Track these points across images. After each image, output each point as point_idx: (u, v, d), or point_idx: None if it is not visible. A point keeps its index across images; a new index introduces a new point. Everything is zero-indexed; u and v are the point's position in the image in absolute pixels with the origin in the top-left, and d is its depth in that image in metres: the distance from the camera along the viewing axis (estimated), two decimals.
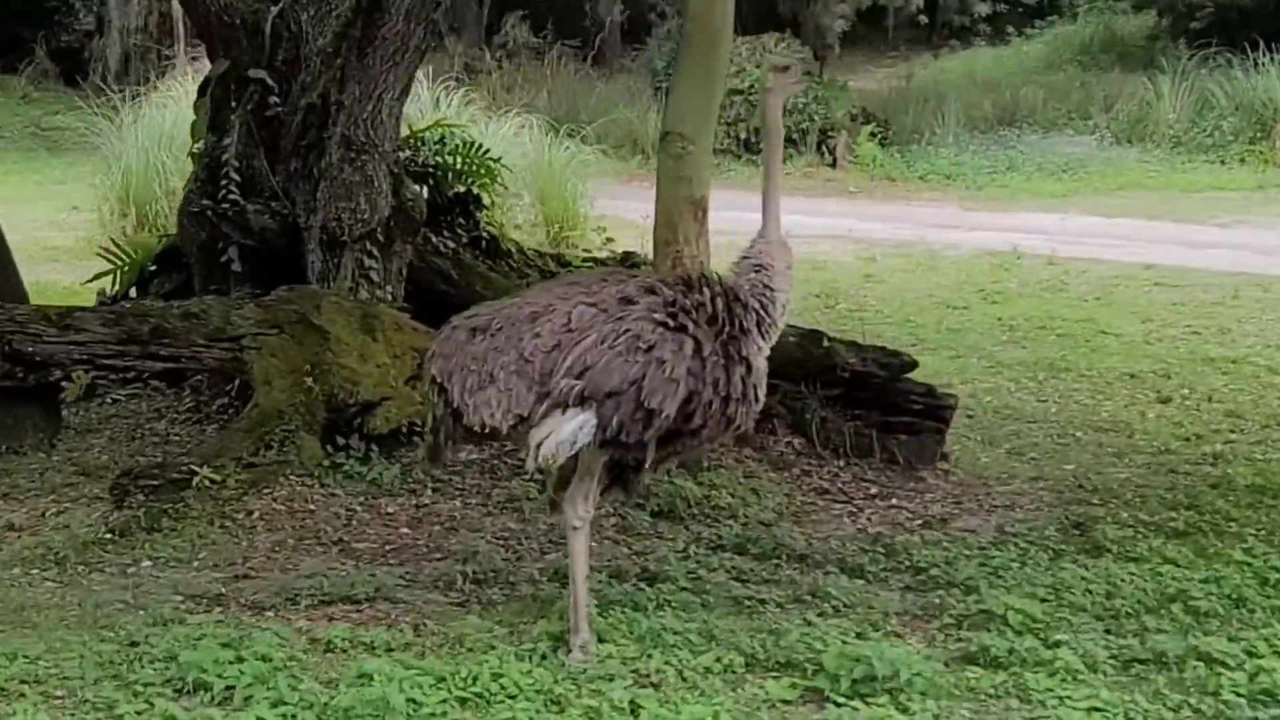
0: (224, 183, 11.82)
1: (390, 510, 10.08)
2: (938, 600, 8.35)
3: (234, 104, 12.03)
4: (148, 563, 9.15)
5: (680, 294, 7.25)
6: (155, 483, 9.79)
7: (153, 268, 13.43)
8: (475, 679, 6.94)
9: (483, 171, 13.20)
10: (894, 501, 10.84)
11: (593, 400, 7.06)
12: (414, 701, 6.65)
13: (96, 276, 13.77)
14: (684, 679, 7.07)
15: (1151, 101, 31.51)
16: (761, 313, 7.37)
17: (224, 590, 8.64)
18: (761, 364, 7.38)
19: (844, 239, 22.96)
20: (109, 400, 12.29)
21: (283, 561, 9.21)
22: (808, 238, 22.46)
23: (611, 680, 6.97)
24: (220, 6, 11.92)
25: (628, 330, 7.10)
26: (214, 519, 9.69)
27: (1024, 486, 11.31)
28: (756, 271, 7.43)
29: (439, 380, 7.36)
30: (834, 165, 30.58)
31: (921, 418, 11.74)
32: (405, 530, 9.83)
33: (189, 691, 6.93)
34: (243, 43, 11.99)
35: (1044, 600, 8.20)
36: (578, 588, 7.41)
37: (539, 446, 7.16)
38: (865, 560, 9.20)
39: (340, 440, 10.54)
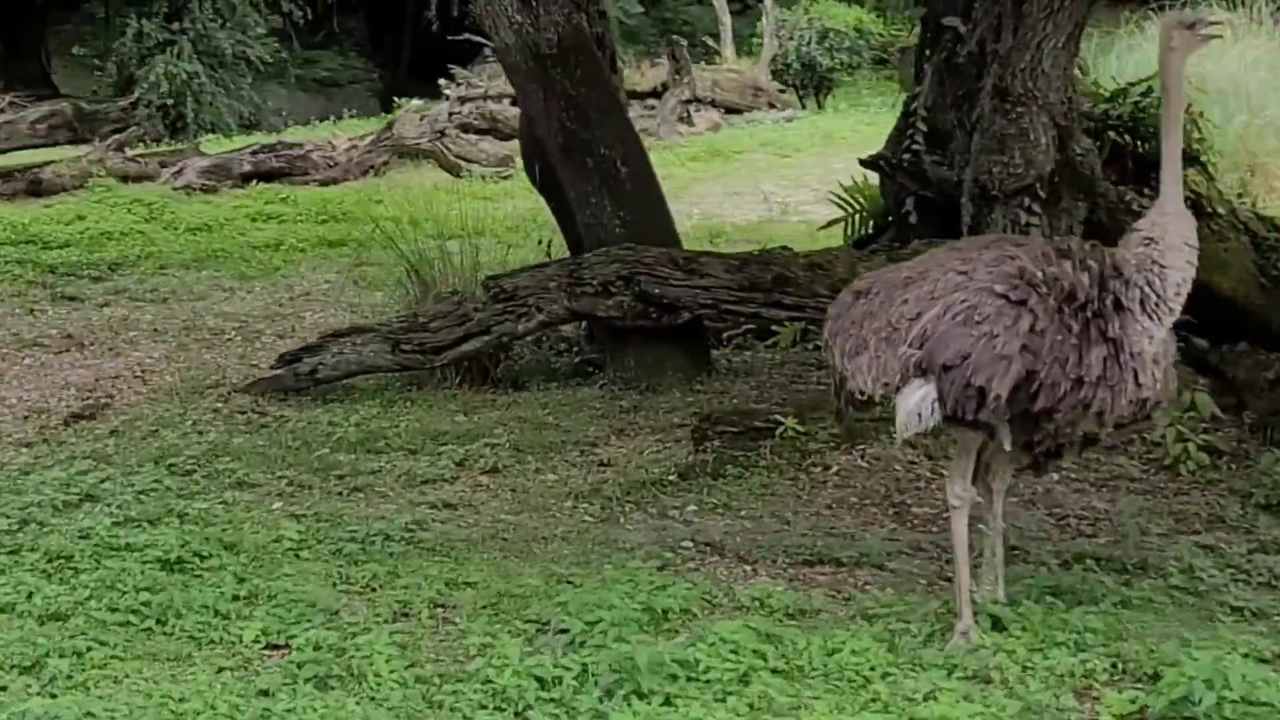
0: (910, 133, 11.74)
1: None
2: None
3: (928, 52, 11.90)
4: (693, 507, 9.19)
5: (1036, 265, 6.65)
6: (734, 429, 9.92)
7: (889, 216, 13.46)
8: (805, 651, 6.74)
9: (1193, 129, 12.27)
10: None
11: (931, 373, 6.66)
12: (706, 668, 6.52)
13: (830, 223, 14.01)
14: (1024, 678, 6.52)
15: None
16: (1147, 289, 6.61)
17: (734, 540, 8.61)
18: (1145, 346, 6.61)
19: None
20: (807, 347, 12.38)
21: (825, 519, 9.04)
22: None
23: (944, 671, 6.55)
24: None
25: (966, 301, 6.62)
26: (785, 470, 9.61)
27: None
28: (1146, 245, 6.66)
29: (829, 342, 7.18)
30: None
31: None
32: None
33: (547, 632, 7.13)
34: None
35: None
36: (960, 571, 6.99)
37: (897, 417, 6.87)
38: None
39: None
